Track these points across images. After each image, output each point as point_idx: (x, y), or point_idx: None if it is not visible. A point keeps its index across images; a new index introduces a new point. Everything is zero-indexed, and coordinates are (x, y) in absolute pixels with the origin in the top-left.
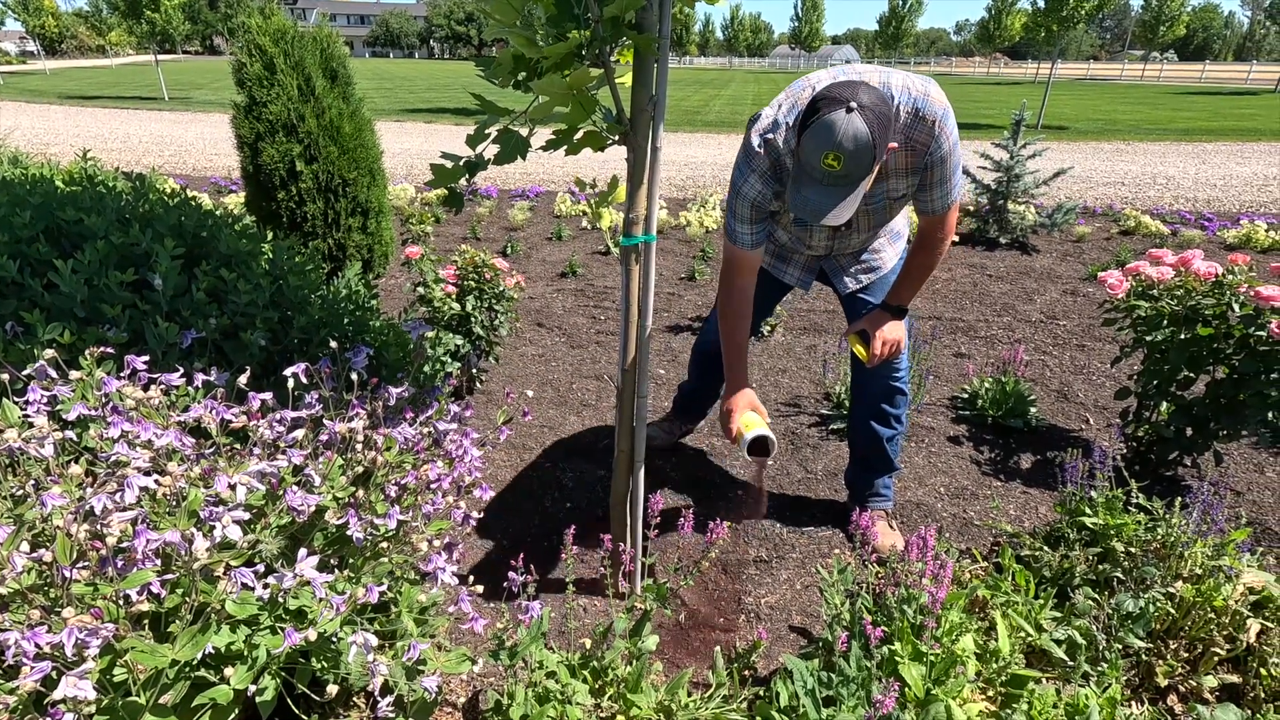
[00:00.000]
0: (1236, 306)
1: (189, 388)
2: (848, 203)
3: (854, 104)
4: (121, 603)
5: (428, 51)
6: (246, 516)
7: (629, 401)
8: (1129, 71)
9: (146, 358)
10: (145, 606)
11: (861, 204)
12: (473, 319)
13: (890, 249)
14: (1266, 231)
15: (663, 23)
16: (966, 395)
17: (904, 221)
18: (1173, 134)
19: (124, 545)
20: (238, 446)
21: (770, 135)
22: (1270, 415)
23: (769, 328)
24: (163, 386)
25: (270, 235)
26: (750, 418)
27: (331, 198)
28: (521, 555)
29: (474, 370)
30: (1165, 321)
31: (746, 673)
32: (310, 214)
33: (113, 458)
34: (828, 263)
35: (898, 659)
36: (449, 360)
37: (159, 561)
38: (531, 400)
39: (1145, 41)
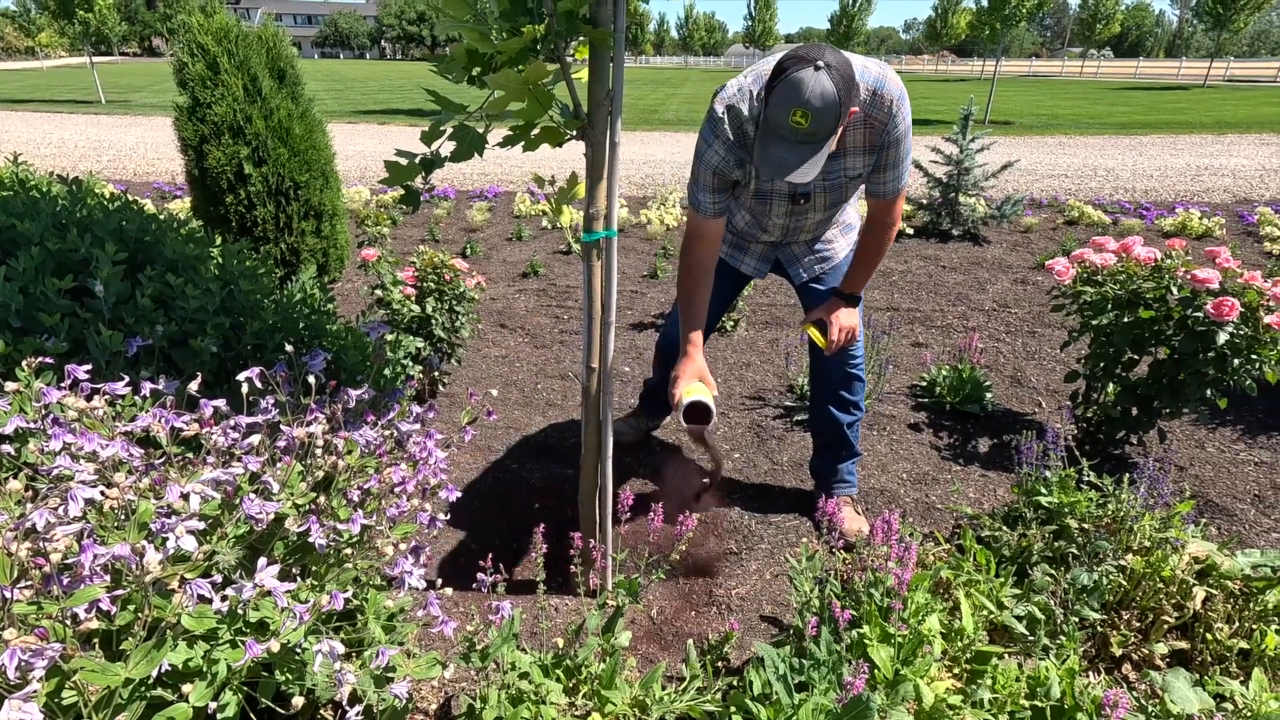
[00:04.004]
0: (1175, 289)
1: (136, 397)
2: (813, 161)
3: (821, 63)
4: (69, 621)
5: (379, 52)
6: (201, 526)
7: (594, 398)
8: (1069, 68)
9: (89, 367)
10: (95, 624)
11: (819, 179)
12: (433, 321)
13: (842, 239)
14: (1200, 219)
15: (617, 17)
16: (925, 383)
17: (855, 215)
18: (1111, 128)
19: (70, 561)
20: (190, 456)
21: (734, 103)
22: (1208, 393)
23: (732, 322)
24: (107, 396)
25: (219, 240)
26: (694, 386)
27: (283, 201)
28: (491, 556)
29: (436, 373)
30: (1109, 305)
31: (720, 664)
32: (261, 218)
33: (54, 472)
34: (783, 252)
35: (867, 641)
36: (410, 363)
37: (108, 577)
38: (496, 401)
39: (1083, 39)
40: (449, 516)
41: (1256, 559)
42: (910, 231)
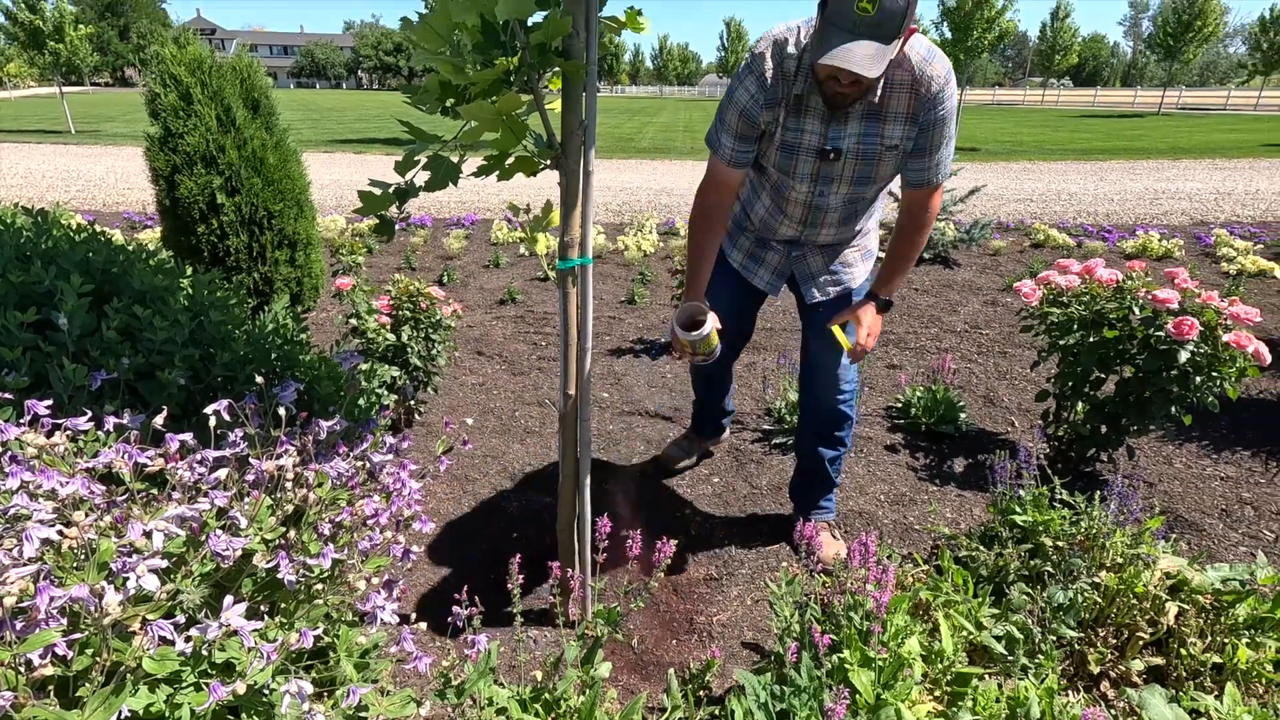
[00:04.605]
0: (1137, 309)
1: (99, 432)
2: (877, 55)
3: None
4: (22, 668)
5: (355, 82)
6: (164, 565)
7: (571, 426)
8: (1030, 97)
9: (50, 402)
10: (50, 670)
11: (853, 143)
12: (409, 349)
13: (862, 265)
14: (1159, 241)
15: (590, 49)
16: (900, 404)
17: (876, 238)
18: (1072, 154)
19: (24, 605)
20: (155, 492)
21: (781, 37)
22: (1173, 410)
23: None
24: (69, 432)
25: (190, 270)
26: (690, 306)
27: (256, 230)
28: (467, 588)
29: (412, 402)
30: (1075, 326)
31: (701, 693)
32: (233, 247)
33: (11, 511)
34: (798, 266)
35: (847, 666)
36: (385, 392)
37: (65, 620)
38: (473, 429)
39: (1043, 69)
40: (423, 549)
41: (1226, 573)
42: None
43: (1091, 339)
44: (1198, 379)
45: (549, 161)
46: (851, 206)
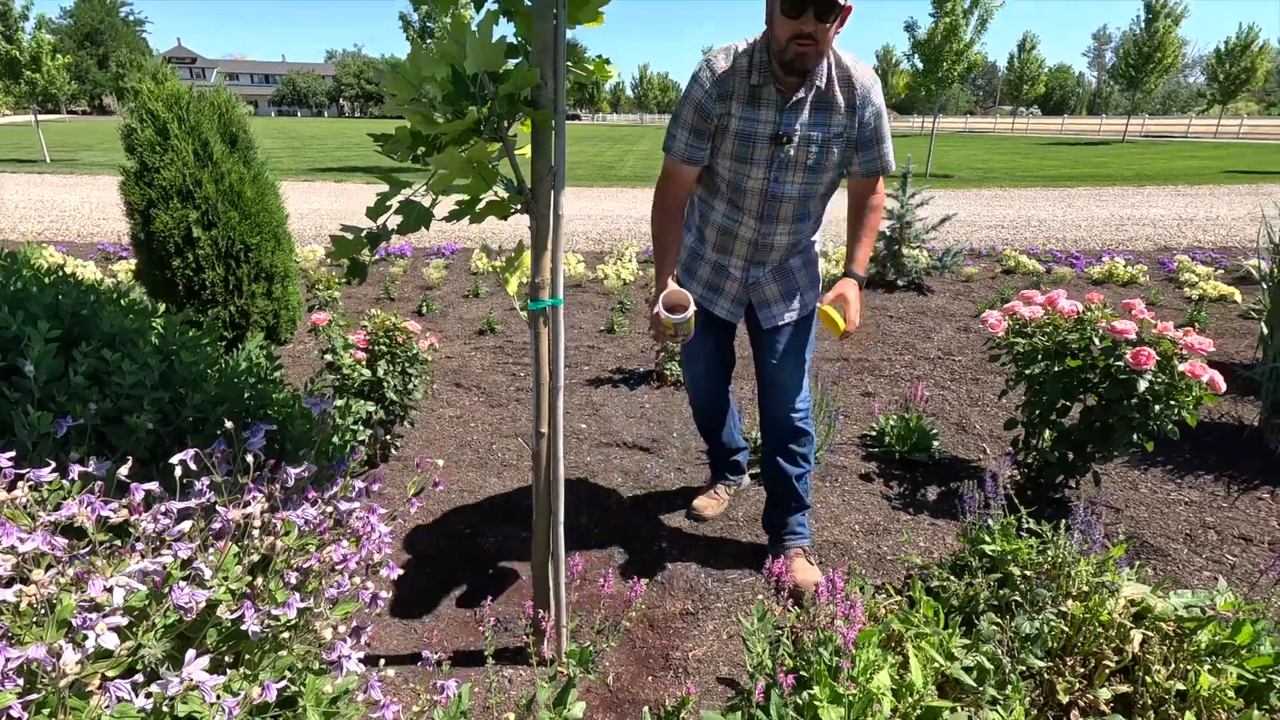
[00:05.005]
0: (1097, 340)
1: (63, 481)
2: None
3: None
4: None
5: (338, 110)
6: (124, 622)
7: (545, 464)
8: (1001, 124)
9: (13, 452)
10: None
11: (804, 131)
12: (385, 384)
13: (811, 291)
14: (1125, 267)
15: (558, 98)
16: (874, 433)
17: (819, 267)
18: (1042, 180)
19: None
20: (118, 543)
21: (732, 44)
22: (1135, 436)
23: (675, 378)
24: (31, 482)
25: (163, 308)
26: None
27: (233, 263)
28: (441, 628)
29: (388, 437)
30: (1040, 356)
31: None
32: (209, 281)
33: None
34: (755, 294)
35: (817, 703)
36: (360, 428)
37: (21, 681)
38: (450, 462)
39: (1012, 98)
40: (391, 595)
41: (1188, 599)
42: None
43: (1056, 368)
44: (1157, 407)
45: (520, 206)
46: (805, 204)
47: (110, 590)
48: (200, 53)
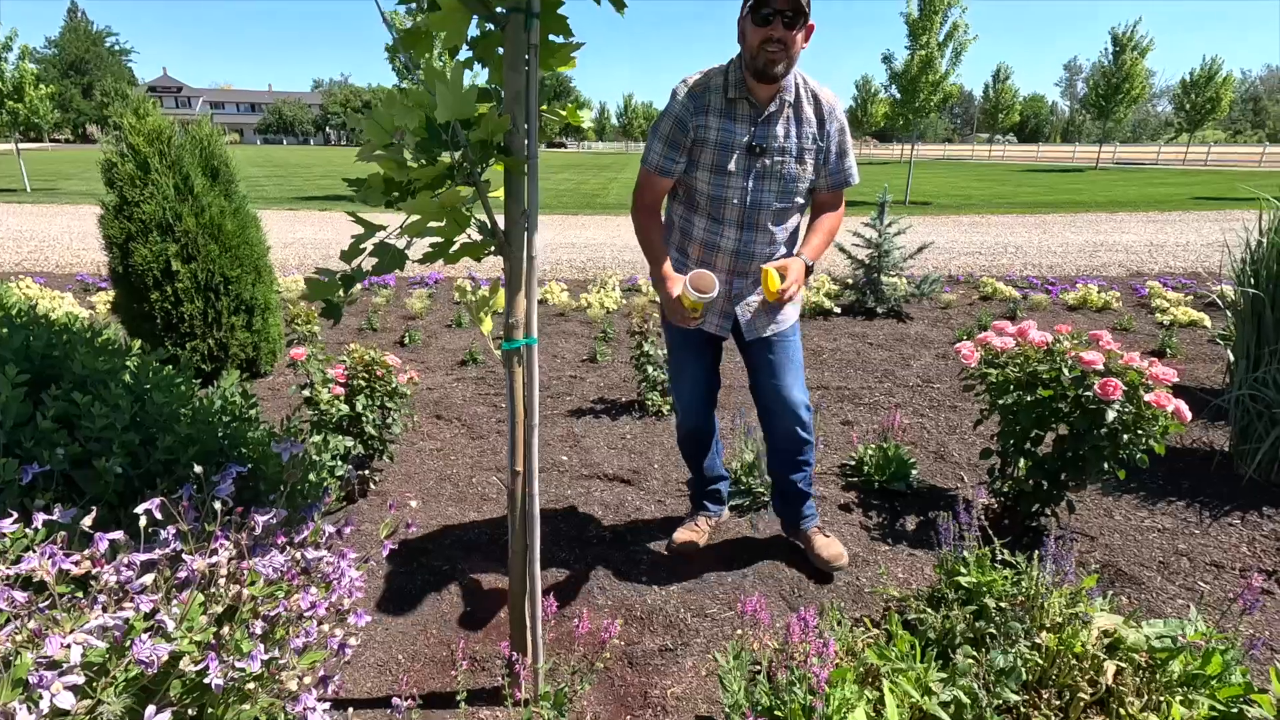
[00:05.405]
0: (1067, 370)
1: (27, 530)
2: (801, 4)
3: None
4: None
5: (324, 138)
6: (81, 680)
7: (520, 502)
8: (978, 152)
9: None
10: None
11: (779, 142)
12: (364, 419)
13: (791, 309)
14: (1098, 293)
15: (530, 143)
16: (854, 462)
17: (798, 304)
18: (1018, 207)
19: None
20: (80, 596)
21: (708, 68)
22: (1106, 465)
23: (668, 405)
24: None
25: (137, 345)
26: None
27: (212, 296)
28: (417, 669)
29: (366, 471)
30: (1012, 386)
31: None
32: (188, 314)
33: None
34: (741, 308)
35: None
36: (339, 464)
37: None
38: (429, 496)
39: (988, 126)
40: (365, 636)
41: (1160, 629)
42: (838, 310)
43: (1028, 399)
44: (1125, 436)
45: (493, 248)
46: (783, 214)
47: (69, 647)
48: (186, 82)
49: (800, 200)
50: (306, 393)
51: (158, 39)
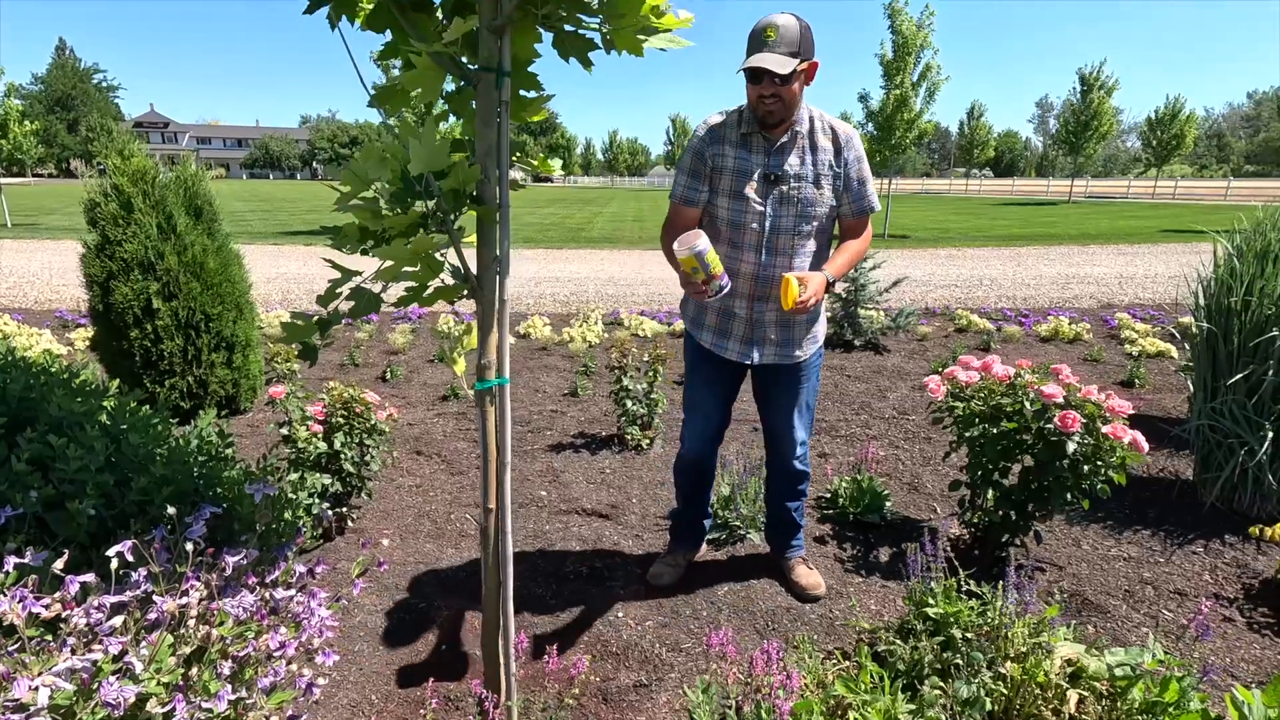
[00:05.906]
0: (1029, 404)
1: None
2: (782, 59)
3: (785, 12)
4: None
5: (310, 173)
6: None
7: (493, 540)
8: (955, 186)
9: None
10: None
11: (795, 169)
12: (342, 456)
13: (809, 347)
14: (1070, 324)
15: (501, 192)
16: (829, 494)
17: (823, 327)
18: (994, 240)
19: None
20: (49, 638)
21: (726, 110)
22: (1070, 496)
23: (649, 440)
24: None
25: (115, 385)
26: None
27: (193, 333)
28: (391, 709)
29: (344, 509)
30: (977, 420)
31: None
32: (168, 351)
33: None
34: (758, 332)
35: None
36: (315, 501)
37: None
38: (407, 533)
39: (965, 161)
40: (336, 676)
41: (1121, 657)
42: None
43: (994, 431)
44: (1086, 467)
45: (466, 292)
46: (802, 239)
47: (36, 689)
48: (173, 117)
49: (819, 224)
50: (285, 430)
51: (145, 75)
